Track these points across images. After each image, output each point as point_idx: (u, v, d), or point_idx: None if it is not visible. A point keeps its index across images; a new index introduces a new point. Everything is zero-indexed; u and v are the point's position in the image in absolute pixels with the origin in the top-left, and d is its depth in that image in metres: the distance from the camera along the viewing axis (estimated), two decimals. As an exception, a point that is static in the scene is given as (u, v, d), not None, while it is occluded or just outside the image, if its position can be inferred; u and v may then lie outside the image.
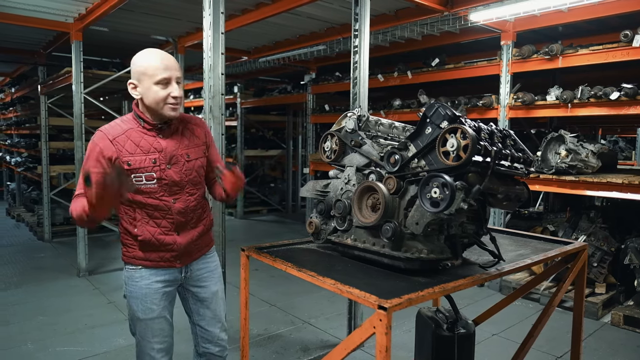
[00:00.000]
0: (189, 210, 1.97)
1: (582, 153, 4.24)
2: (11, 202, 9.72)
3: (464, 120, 1.62)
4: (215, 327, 2.16)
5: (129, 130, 1.88)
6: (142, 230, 1.92)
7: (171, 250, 1.96)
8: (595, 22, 4.37)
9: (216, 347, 2.18)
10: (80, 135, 5.16)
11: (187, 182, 1.96)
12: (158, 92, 1.83)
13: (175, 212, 1.93)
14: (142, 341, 2.01)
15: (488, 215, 1.88)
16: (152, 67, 1.82)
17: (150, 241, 1.92)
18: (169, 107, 1.86)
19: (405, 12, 4.58)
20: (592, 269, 4.37)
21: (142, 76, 1.84)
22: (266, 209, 9.59)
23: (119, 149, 1.84)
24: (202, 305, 2.13)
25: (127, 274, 2.02)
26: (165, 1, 4.37)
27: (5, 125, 10.17)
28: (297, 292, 4.71)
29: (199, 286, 2.11)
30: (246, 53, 6.85)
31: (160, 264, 1.98)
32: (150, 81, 1.83)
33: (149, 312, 1.97)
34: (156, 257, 1.96)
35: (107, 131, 1.87)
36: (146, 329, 1.99)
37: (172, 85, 1.85)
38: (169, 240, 1.94)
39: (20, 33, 5.71)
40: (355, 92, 3.48)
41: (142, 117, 1.90)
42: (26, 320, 3.96)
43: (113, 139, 1.85)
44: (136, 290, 1.98)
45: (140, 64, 1.85)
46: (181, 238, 1.97)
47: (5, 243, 6.73)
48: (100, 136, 1.86)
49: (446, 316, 2.12)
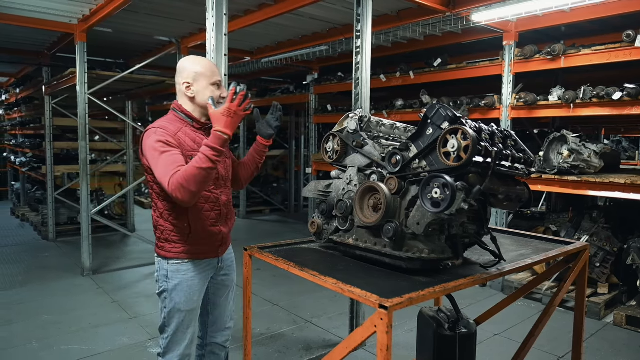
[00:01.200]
0: (229, 202, 2.17)
1: (585, 153, 4.24)
2: (16, 201, 9.79)
3: (465, 121, 1.64)
4: (225, 316, 2.30)
5: (183, 129, 2.02)
6: (195, 222, 2.03)
7: (216, 240, 2.12)
8: (598, 22, 4.37)
9: (222, 337, 2.30)
10: (85, 136, 5.19)
11: (227, 177, 2.17)
12: (214, 92, 2.02)
13: (222, 203, 2.11)
14: (178, 332, 2.09)
15: (489, 216, 1.89)
16: (209, 69, 2.04)
17: (201, 233, 2.06)
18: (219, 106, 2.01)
19: (408, 12, 4.58)
20: (595, 269, 4.37)
21: (199, 77, 2.02)
22: (269, 208, 9.62)
23: (181, 143, 1.95)
24: (220, 294, 2.25)
25: (172, 268, 2.07)
26: (168, 3, 4.39)
27: (10, 125, 10.23)
28: (300, 291, 4.73)
29: (225, 274, 2.25)
30: (249, 54, 6.87)
31: (206, 255, 2.11)
32: (206, 81, 2.02)
33: (192, 303, 2.08)
34: (204, 248, 2.09)
35: (164, 127, 1.96)
36: (184, 320, 2.08)
37: (222, 87, 2.08)
38: (216, 230, 2.10)
39: (25, 34, 5.75)
40: (358, 92, 3.49)
41: (192, 117, 2.05)
42: (31, 319, 3.99)
43: (174, 134, 1.96)
44: (182, 283, 2.07)
45: (196, 66, 2.03)
46: (225, 228, 2.15)
47: (10, 242, 6.77)
48: (161, 132, 1.93)
49: (448, 316, 2.13)
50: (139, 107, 12.21)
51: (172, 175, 1.80)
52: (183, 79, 2.02)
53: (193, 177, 1.77)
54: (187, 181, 1.77)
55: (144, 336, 3.68)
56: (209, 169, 1.79)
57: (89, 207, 5.28)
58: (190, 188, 1.78)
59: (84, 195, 5.26)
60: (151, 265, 5.64)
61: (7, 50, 6.72)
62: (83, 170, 5.26)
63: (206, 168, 1.78)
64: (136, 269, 5.56)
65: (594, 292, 4.40)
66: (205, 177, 1.80)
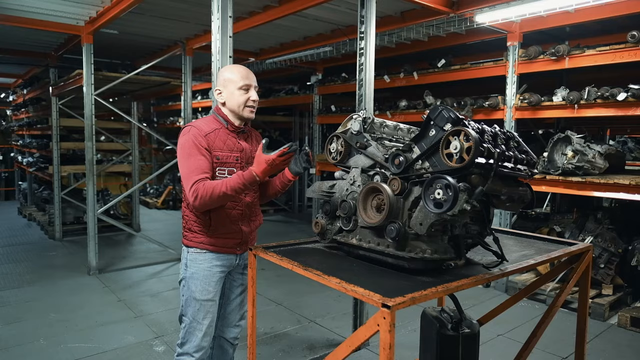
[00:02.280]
0: (253, 205, 2.28)
1: (589, 154, 4.23)
2: (23, 201, 9.87)
3: (467, 123, 1.65)
4: (237, 313, 2.39)
5: (216, 130, 2.16)
6: (218, 215, 2.15)
7: (235, 237, 2.22)
8: (602, 22, 4.36)
9: (232, 333, 2.38)
10: (91, 136, 5.24)
11: None
12: (240, 96, 2.16)
13: (245, 204, 2.22)
14: (193, 322, 2.20)
15: (492, 216, 1.90)
16: (238, 75, 2.17)
17: (221, 228, 2.18)
18: (248, 109, 2.19)
19: (411, 13, 4.59)
20: (599, 270, 4.36)
21: (227, 82, 2.17)
22: (273, 208, 9.65)
23: (210, 143, 2.11)
24: (235, 291, 2.36)
25: (191, 256, 2.21)
26: (174, 4, 4.43)
27: (18, 126, 10.31)
28: (304, 291, 4.75)
29: (242, 273, 2.36)
30: (253, 54, 6.90)
31: (225, 250, 2.23)
32: (234, 87, 2.16)
33: (206, 293, 2.19)
34: (222, 242, 2.21)
35: (199, 127, 2.13)
36: (200, 310, 2.19)
37: (251, 90, 2.19)
38: (236, 228, 2.21)
39: (32, 36, 5.81)
40: (361, 93, 3.51)
41: (227, 120, 2.20)
42: (39, 317, 4.03)
43: (206, 134, 2.11)
44: (199, 272, 2.19)
45: (226, 73, 2.20)
46: (246, 227, 2.25)
47: (18, 242, 6.84)
48: (195, 132, 2.10)
49: (451, 316, 2.13)
50: (144, 108, 12.29)
51: (195, 182, 1.99)
52: (216, 87, 2.23)
53: (216, 196, 1.98)
54: (207, 196, 1.97)
55: (150, 335, 3.72)
56: (230, 196, 2.02)
57: (95, 207, 5.33)
58: (206, 201, 1.99)
59: (90, 195, 5.30)
60: (156, 265, 5.69)
61: (15, 51, 6.80)
62: (89, 170, 5.31)
63: (229, 195, 2.00)
64: (141, 268, 5.60)
65: (599, 293, 4.39)
66: (224, 200, 2.03)
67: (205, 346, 2.22)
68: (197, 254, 2.21)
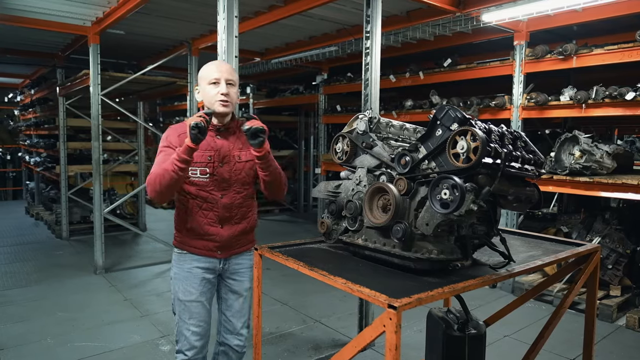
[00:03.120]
0: (234, 207, 2.19)
1: (597, 154, 4.20)
2: (30, 201, 9.94)
3: (474, 122, 1.64)
4: (239, 320, 2.31)
5: None
6: (191, 218, 2.16)
7: (214, 240, 2.18)
8: (610, 21, 4.32)
9: (235, 340, 2.31)
10: (97, 136, 5.26)
11: (235, 180, 2.18)
12: (210, 90, 2.12)
13: (221, 206, 2.15)
14: (180, 321, 2.20)
15: (499, 217, 1.89)
16: (206, 71, 2.16)
17: (197, 229, 2.16)
18: (219, 103, 2.11)
19: (417, 13, 4.58)
20: (607, 271, 4.32)
21: (200, 80, 2.16)
22: (278, 208, 9.66)
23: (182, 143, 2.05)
24: (232, 297, 2.30)
25: (175, 256, 2.25)
26: (179, 5, 4.44)
27: (25, 126, 10.39)
28: (309, 291, 4.75)
29: (233, 279, 2.30)
30: (259, 54, 6.90)
31: (203, 252, 2.20)
32: (205, 83, 2.14)
33: (188, 294, 2.18)
34: (200, 245, 2.19)
35: (175, 128, 2.19)
36: (184, 310, 2.19)
37: (221, 84, 2.12)
38: (213, 231, 2.17)
39: (39, 36, 5.85)
40: (367, 93, 3.50)
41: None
42: (46, 315, 4.06)
43: (179, 134, 2.13)
44: (180, 272, 2.21)
45: (200, 71, 2.18)
46: (224, 231, 2.19)
47: (25, 241, 6.89)
48: (169, 132, 2.18)
49: (457, 317, 2.12)
50: (150, 108, 12.33)
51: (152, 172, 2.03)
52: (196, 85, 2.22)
53: (160, 178, 1.98)
54: (152, 181, 1.99)
55: (156, 334, 3.73)
56: (174, 173, 1.96)
57: (101, 207, 5.36)
58: (155, 188, 1.99)
59: (97, 194, 5.33)
60: (162, 264, 5.71)
61: (23, 52, 6.85)
62: (96, 170, 5.33)
63: (171, 171, 1.96)
64: (147, 267, 5.62)
65: (607, 294, 4.35)
66: (171, 180, 1.97)
67: (198, 346, 2.18)
68: (179, 254, 2.22)
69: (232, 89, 2.15)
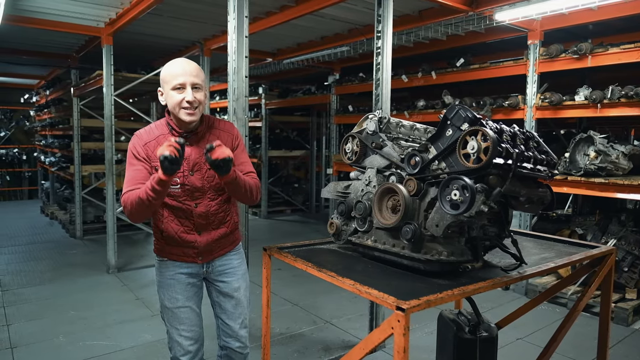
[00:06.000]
0: (210, 214, 2.08)
1: (612, 154, 4.12)
2: (45, 200, 10.10)
3: (485, 122, 1.62)
4: (235, 322, 2.24)
5: (159, 136, 2.02)
6: (167, 227, 2.06)
7: (192, 247, 2.09)
8: (626, 19, 4.23)
9: (236, 343, 2.25)
10: (111, 136, 5.32)
11: (208, 188, 2.06)
12: (174, 96, 1.95)
13: (197, 215, 2.05)
14: (171, 328, 2.17)
15: (510, 218, 1.86)
16: (169, 74, 1.97)
17: (174, 238, 2.07)
18: (184, 111, 1.95)
19: (429, 12, 4.54)
20: (623, 273, 4.24)
21: (163, 83, 2.00)
22: (290, 208, 9.67)
23: (148, 153, 1.99)
24: (224, 299, 2.23)
25: (156, 264, 2.18)
26: (191, 6, 4.47)
27: (41, 126, 10.56)
28: (320, 291, 4.74)
29: (221, 281, 2.21)
30: (270, 55, 6.92)
31: (183, 259, 2.12)
32: (168, 87, 1.97)
33: (174, 300, 2.13)
34: (179, 252, 2.11)
35: (140, 136, 2.04)
36: (173, 317, 2.14)
37: (187, 90, 1.94)
38: (190, 238, 2.07)
39: (54, 38, 5.94)
40: (378, 93, 3.48)
41: (171, 125, 2.03)
42: (59, 314, 4.11)
43: (144, 144, 2.00)
44: (163, 280, 2.15)
45: (162, 72, 2.00)
46: (202, 237, 2.09)
47: (40, 240, 7.00)
48: (135, 141, 2.03)
49: (468, 319, 2.10)
50: (163, 108, 12.42)
51: (126, 192, 1.90)
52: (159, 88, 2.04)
53: (135, 204, 1.86)
54: (128, 206, 1.88)
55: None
56: (148, 201, 1.83)
57: (114, 206, 5.42)
58: (132, 211, 1.88)
59: (110, 194, 5.39)
60: (174, 264, 5.75)
61: (38, 53, 6.96)
62: (109, 170, 5.40)
63: (145, 200, 1.83)
64: (159, 267, 5.66)
65: (622, 297, 4.27)
66: (146, 206, 1.85)
67: (192, 350, 2.14)
68: (160, 262, 2.15)
69: (198, 93, 1.96)
